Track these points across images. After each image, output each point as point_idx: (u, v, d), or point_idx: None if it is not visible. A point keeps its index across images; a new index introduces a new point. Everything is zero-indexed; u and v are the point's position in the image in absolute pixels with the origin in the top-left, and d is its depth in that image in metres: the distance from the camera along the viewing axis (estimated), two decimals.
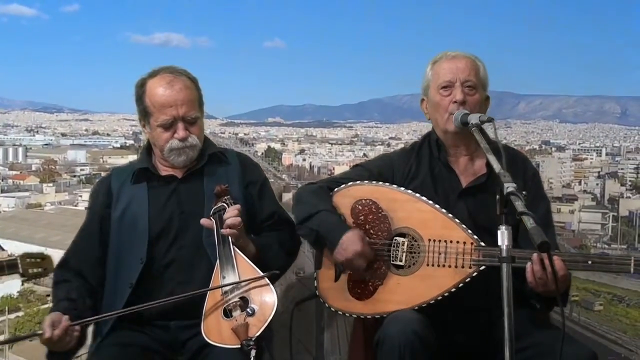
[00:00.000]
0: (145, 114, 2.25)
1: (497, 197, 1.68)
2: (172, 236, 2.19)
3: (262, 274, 2.03)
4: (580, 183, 65.40)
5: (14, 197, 50.94)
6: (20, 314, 27.43)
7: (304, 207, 2.23)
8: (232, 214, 2.09)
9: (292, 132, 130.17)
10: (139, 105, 2.25)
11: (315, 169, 77.12)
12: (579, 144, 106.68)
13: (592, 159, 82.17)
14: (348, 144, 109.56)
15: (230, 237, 2.07)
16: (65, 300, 2.10)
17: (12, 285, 29.10)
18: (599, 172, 71.34)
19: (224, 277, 2.03)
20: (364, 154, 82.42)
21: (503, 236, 1.68)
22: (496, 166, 1.75)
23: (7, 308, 27.23)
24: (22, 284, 29.58)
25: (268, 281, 2.02)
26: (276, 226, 2.32)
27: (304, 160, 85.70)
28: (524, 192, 1.64)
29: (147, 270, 2.15)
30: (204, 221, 2.12)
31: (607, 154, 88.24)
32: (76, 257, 2.24)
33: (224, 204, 2.13)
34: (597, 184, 62.82)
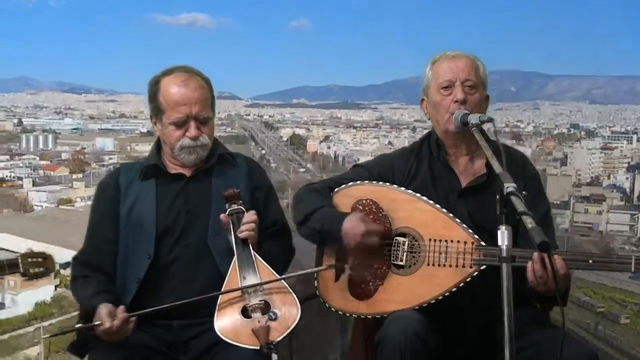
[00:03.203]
0: (158, 111, 2.26)
1: (497, 197, 1.70)
2: (178, 234, 2.20)
3: (283, 281, 2.04)
4: (609, 177, 64.04)
5: (45, 191, 51.98)
6: (54, 321, 28.15)
7: (303, 207, 2.24)
8: (252, 218, 2.13)
9: (317, 114, 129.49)
10: (152, 103, 2.27)
11: (340, 159, 76.88)
12: (609, 127, 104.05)
13: (622, 147, 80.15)
14: (373, 127, 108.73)
15: (249, 240, 2.11)
16: (104, 292, 2.10)
17: (45, 292, 29.85)
18: (629, 162, 69.76)
19: (244, 278, 2.04)
20: (389, 142, 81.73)
21: (503, 236, 1.69)
22: (496, 166, 1.79)
23: (41, 319, 27.93)
24: (55, 289, 30.36)
25: (291, 291, 2.04)
26: (277, 234, 2.33)
27: (329, 148, 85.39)
28: (524, 192, 1.68)
29: (153, 267, 2.17)
30: (223, 216, 2.13)
31: (638, 140, 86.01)
32: (95, 253, 2.24)
33: (241, 207, 2.15)
34: (627, 178, 61.47)
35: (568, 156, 67.63)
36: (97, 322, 1.97)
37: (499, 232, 1.69)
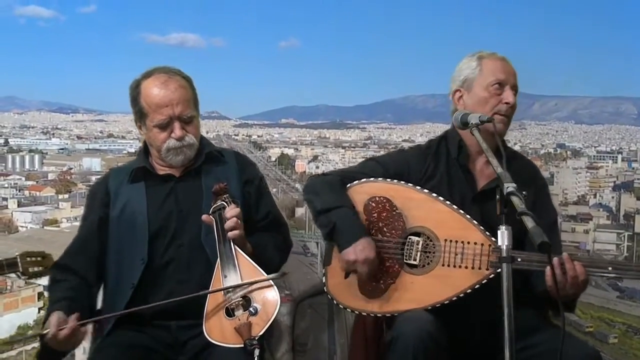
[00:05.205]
0: (141, 115, 2.25)
1: (497, 197, 1.69)
2: (170, 235, 2.19)
3: (264, 273, 2.03)
4: (595, 196, 64.50)
5: (30, 212, 51.43)
6: (37, 344, 27.63)
7: (323, 199, 2.20)
8: (232, 213, 2.09)
9: (306, 134, 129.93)
10: (135, 107, 2.26)
11: None
12: (595, 147, 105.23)
13: (607, 166, 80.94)
14: (362, 147, 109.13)
15: (234, 236, 2.07)
16: (63, 299, 2.07)
17: (28, 314, 29.41)
18: (614, 181, 70.36)
19: (225, 277, 2.03)
20: None
21: (503, 236, 1.69)
22: (496, 166, 1.78)
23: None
24: (39, 312, 29.90)
25: (271, 281, 2.02)
26: (270, 226, 2.32)
27: (317, 168, 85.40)
28: (524, 192, 1.65)
29: (148, 270, 2.14)
30: (204, 217, 2.12)
31: (623, 160, 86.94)
32: (73, 257, 2.22)
33: (224, 203, 2.13)
34: (613, 197, 61.99)
35: (554, 175, 67.89)
36: (45, 331, 1.95)
37: (499, 232, 1.69)
